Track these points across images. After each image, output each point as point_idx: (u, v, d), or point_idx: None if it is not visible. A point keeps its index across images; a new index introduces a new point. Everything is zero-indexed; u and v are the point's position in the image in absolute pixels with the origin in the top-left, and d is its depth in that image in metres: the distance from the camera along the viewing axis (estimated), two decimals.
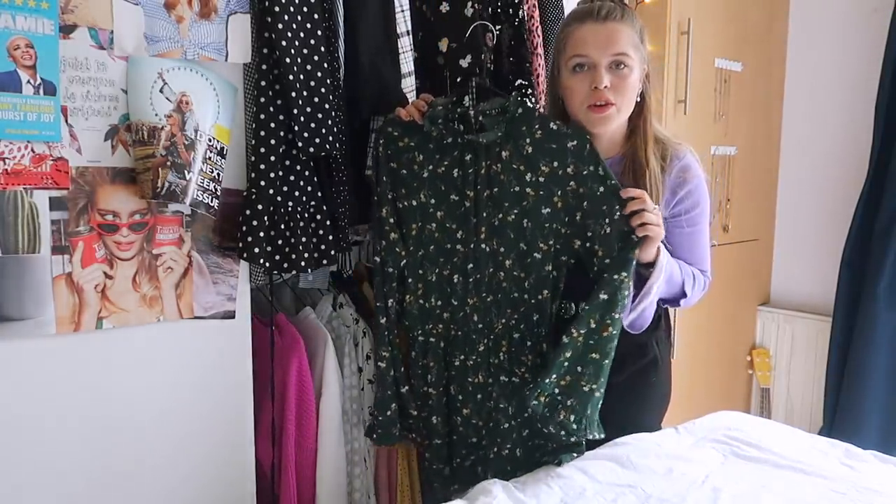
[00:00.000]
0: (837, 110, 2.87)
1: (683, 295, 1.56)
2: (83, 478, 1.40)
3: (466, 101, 1.58)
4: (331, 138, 1.58)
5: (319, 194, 1.60)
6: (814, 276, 2.97)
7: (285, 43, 1.48)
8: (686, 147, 1.57)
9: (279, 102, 1.52)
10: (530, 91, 1.83)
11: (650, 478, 1.40)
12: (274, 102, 1.52)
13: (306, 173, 1.58)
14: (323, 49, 1.56)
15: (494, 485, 1.39)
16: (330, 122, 1.57)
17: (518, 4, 1.79)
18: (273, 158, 1.52)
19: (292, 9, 1.50)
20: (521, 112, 1.54)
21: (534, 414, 1.51)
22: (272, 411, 1.69)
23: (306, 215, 1.58)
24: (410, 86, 1.72)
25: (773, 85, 2.97)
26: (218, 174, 1.48)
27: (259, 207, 1.51)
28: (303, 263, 1.57)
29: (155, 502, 1.49)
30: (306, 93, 1.53)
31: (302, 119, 1.52)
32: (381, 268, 1.65)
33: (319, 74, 1.55)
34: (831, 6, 2.87)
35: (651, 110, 1.55)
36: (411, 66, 1.72)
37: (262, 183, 1.52)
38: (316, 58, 1.54)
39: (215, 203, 1.48)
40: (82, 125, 1.33)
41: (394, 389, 1.67)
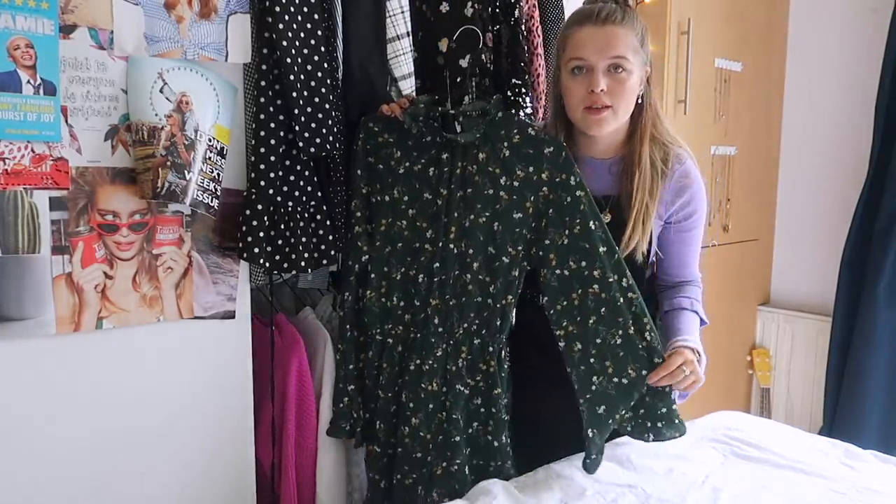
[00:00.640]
0: (837, 110, 2.87)
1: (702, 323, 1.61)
2: (83, 478, 1.40)
3: (467, 101, 1.58)
4: (331, 138, 1.58)
5: (319, 194, 1.60)
6: (814, 276, 2.97)
7: (285, 43, 1.48)
8: (686, 151, 1.58)
9: (279, 102, 1.52)
10: (524, 91, 1.83)
11: (650, 478, 1.40)
12: (274, 102, 1.52)
13: (306, 173, 1.58)
14: (323, 49, 1.56)
15: (494, 485, 1.39)
16: (330, 123, 1.57)
17: (514, 4, 1.79)
18: (273, 158, 1.52)
19: (292, 9, 1.50)
20: (501, 116, 1.55)
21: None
22: (272, 411, 1.69)
23: (306, 215, 1.58)
24: (410, 87, 1.72)
25: (773, 85, 2.97)
26: (218, 174, 1.48)
27: (259, 207, 1.51)
28: (303, 263, 1.57)
29: (155, 502, 1.49)
30: (306, 93, 1.53)
31: (303, 119, 1.52)
32: (344, 261, 1.66)
33: (319, 74, 1.55)
34: (831, 6, 2.86)
35: (654, 112, 1.56)
36: (411, 67, 1.72)
37: (262, 183, 1.52)
38: (316, 58, 1.54)
39: (215, 203, 1.48)
40: (82, 125, 1.33)
41: (346, 384, 1.67)
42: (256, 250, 1.52)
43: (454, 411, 1.57)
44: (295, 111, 1.51)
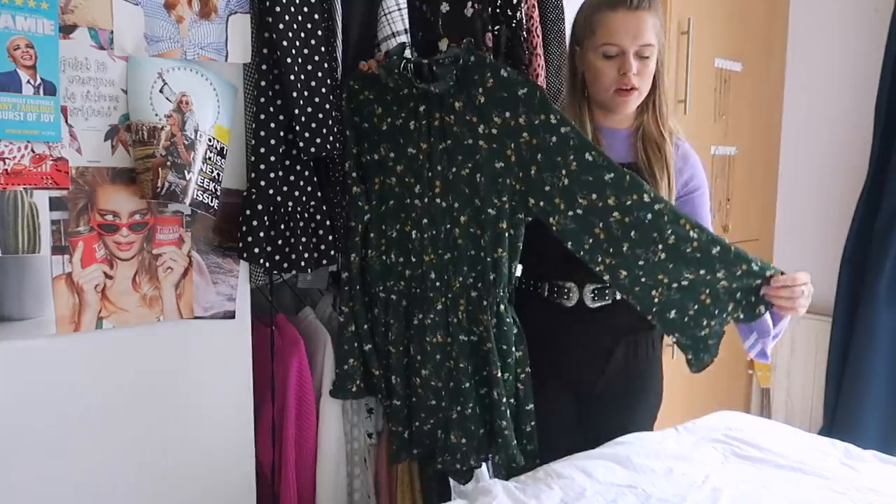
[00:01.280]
0: (837, 110, 2.87)
1: None
2: (83, 478, 1.40)
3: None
4: (331, 138, 1.57)
5: (319, 194, 1.60)
6: (814, 276, 2.95)
7: (286, 43, 1.48)
8: (680, 135, 1.65)
9: (279, 102, 1.52)
10: None
11: (650, 478, 1.40)
12: (274, 102, 1.52)
13: (306, 173, 1.58)
14: (323, 49, 1.56)
15: (495, 485, 1.39)
16: (330, 122, 1.57)
17: (516, 5, 1.79)
18: (273, 158, 1.52)
19: (292, 9, 1.50)
20: (474, 60, 1.51)
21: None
22: (272, 411, 1.69)
23: (306, 215, 1.58)
24: None
25: (773, 85, 2.97)
26: (218, 174, 1.48)
27: (259, 207, 1.51)
28: (302, 263, 1.57)
29: (155, 502, 1.49)
30: (307, 93, 1.53)
31: (303, 119, 1.52)
32: (346, 222, 1.66)
33: (319, 74, 1.55)
34: (831, 6, 2.86)
35: (664, 86, 1.61)
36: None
37: (262, 183, 1.52)
38: (316, 58, 1.54)
39: (215, 203, 1.48)
40: (82, 125, 1.33)
41: (352, 345, 1.67)
42: (256, 250, 1.52)
43: (461, 360, 1.59)
44: (295, 111, 1.51)
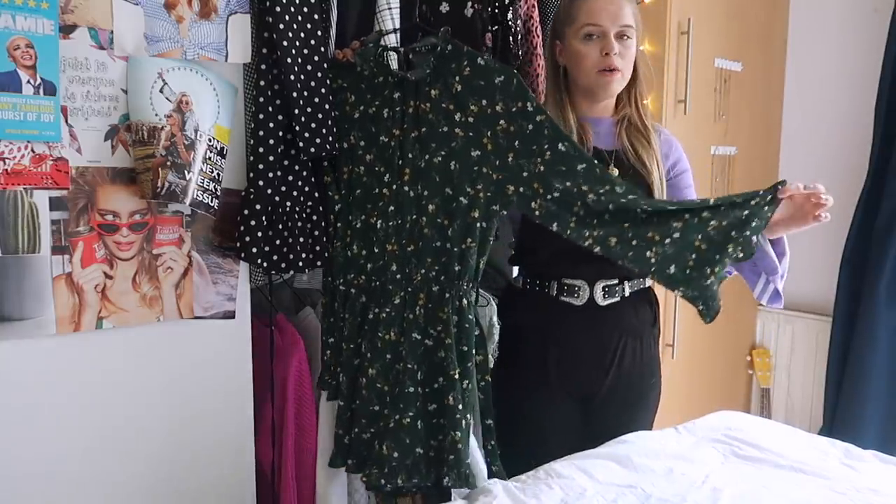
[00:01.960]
0: (837, 110, 2.87)
1: None
2: (83, 477, 1.40)
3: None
4: (330, 139, 1.57)
5: (316, 195, 1.60)
6: (814, 276, 2.96)
7: (286, 43, 1.48)
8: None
9: (279, 102, 1.52)
10: None
11: (650, 478, 1.40)
12: (273, 102, 1.52)
13: (304, 173, 1.58)
14: (323, 49, 1.56)
15: (495, 485, 1.39)
16: (330, 123, 1.57)
17: (508, 6, 1.79)
18: (272, 158, 1.52)
19: (292, 9, 1.50)
20: (451, 49, 1.51)
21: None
22: (272, 411, 1.69)
23: (304, 215, 1.58)
24: None
25: (773, 85, 2.97)
26: (218, 174, 1.48)
27: (257, 207, 1.51)
28: (300, 264, 1.58)
29: (155, 502, 1.49)
30: (307, 93, 1.53)
31: (303, 119, 1.52)
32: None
33: (319, 74, 1.55)
34: (831, 6, 2.86)
35: (642, 80, 1.65)
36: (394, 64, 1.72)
37: (261, 183, 1.52)
38: (316, 58, 1.54)
39: (215, 203, 1.48)
40: (82, 125, 1.33)
41: (326, 337, 1.68)
42: (254, 250, 1.52)
43: (409, 360, 1.51)
44: (295, 111, 1.51)
